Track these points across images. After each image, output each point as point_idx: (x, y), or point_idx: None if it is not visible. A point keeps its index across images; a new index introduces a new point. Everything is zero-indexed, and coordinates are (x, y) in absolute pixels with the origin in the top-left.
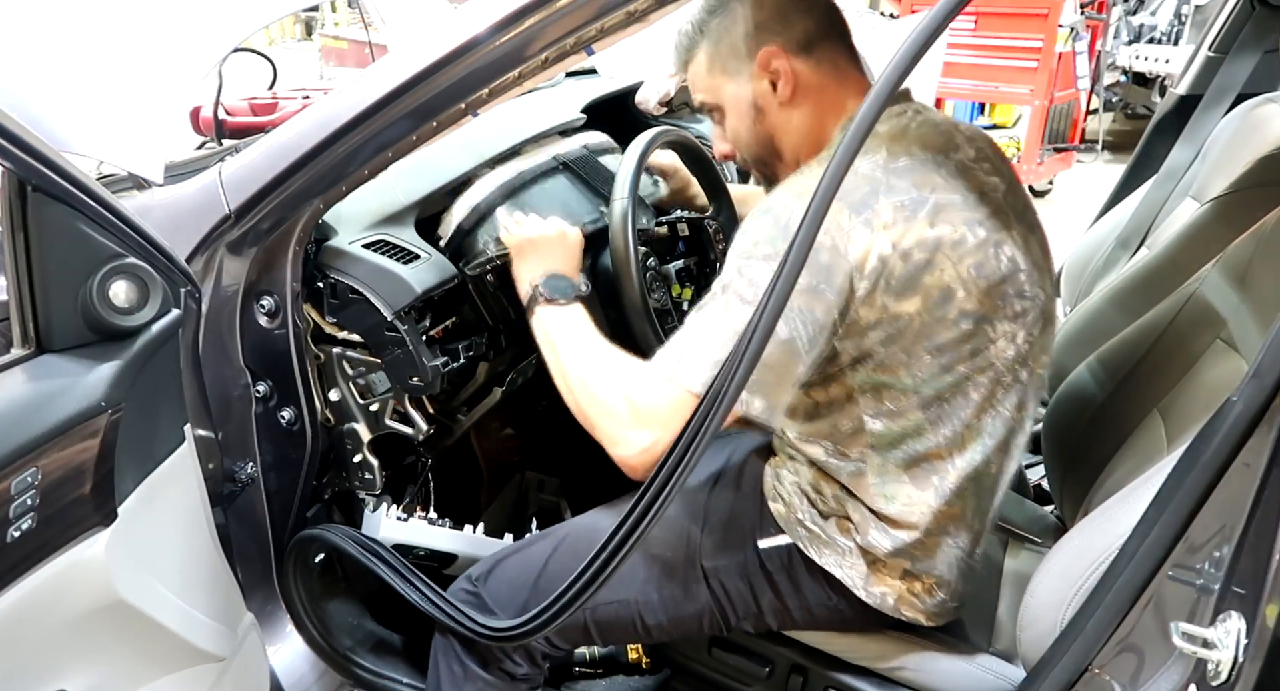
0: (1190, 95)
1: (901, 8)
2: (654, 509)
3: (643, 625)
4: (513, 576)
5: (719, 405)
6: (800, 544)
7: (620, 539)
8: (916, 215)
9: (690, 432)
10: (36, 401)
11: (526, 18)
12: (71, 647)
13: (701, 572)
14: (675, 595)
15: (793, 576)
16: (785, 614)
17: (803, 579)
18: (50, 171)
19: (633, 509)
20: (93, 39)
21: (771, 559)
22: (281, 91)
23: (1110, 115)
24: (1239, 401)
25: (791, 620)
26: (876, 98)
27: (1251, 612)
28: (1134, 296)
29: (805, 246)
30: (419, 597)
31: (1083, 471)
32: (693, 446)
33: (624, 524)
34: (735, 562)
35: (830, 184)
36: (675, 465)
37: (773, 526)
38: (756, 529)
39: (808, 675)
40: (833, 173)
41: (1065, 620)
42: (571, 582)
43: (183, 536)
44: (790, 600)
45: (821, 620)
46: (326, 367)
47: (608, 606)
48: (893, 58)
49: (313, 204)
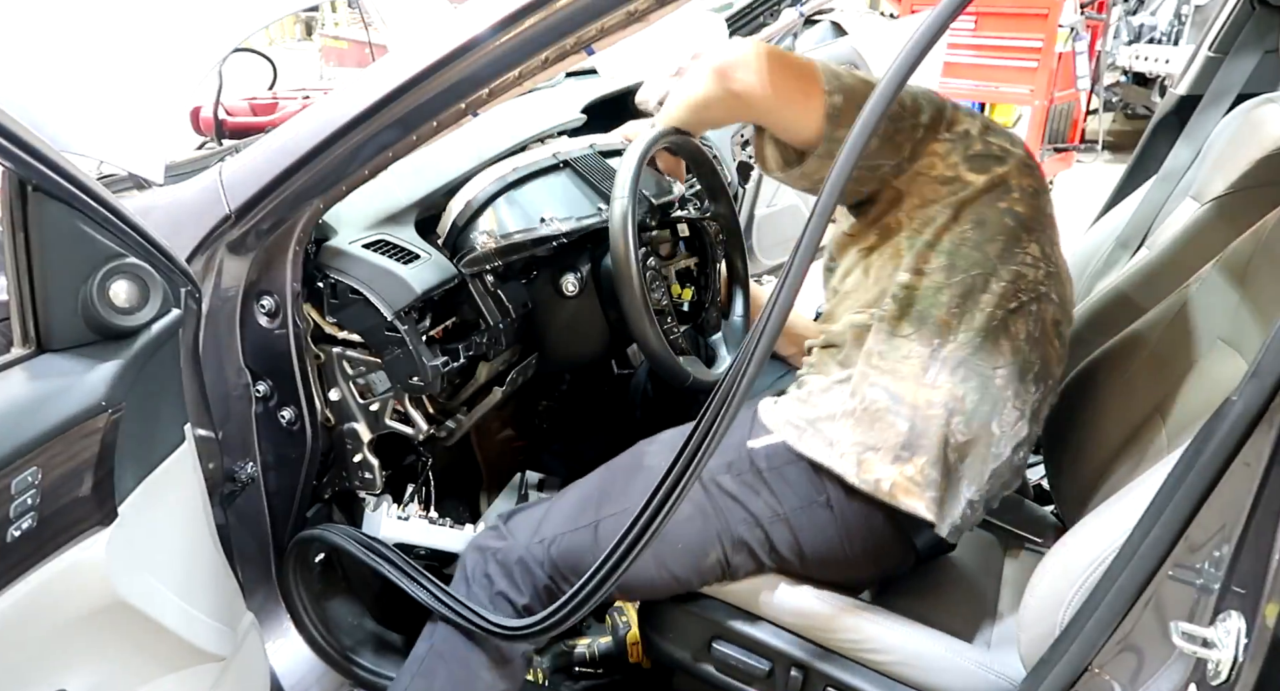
0: (1190, 95)
1: (901, 8)
2: (674, 496)
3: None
4: (532, 511)
5: (737, 388)
6: (789, 440)
7: (640, 527)
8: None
9: (709, 418)
10: (36, 401)
11: (526, 18)
12: (71, 647)
13: (699, 479)
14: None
15: (783, 473)
16: (780, 521)
17: (792, 474)
18: (50, 171)
19: (655, 492)
20: (93, 39)
21: (760, 457)
22: (281, 91)
23: (1110, 115)
24: (1239, 401)
25: (789, 532)
26: (880, 99)
27: (1251, 612)
28: (1134, 296)
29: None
30: (426, 595)
31: (1083, 471)
32: (711, 433)
33: (649, 505)
34: (726, 461)
35: (837, 181)
36: (694, 452)
37: (762, 428)
38: (747, 434)
39: (808, 674)
40: (838, 173)
41: (1065, 620)
42: (586, 580)
43: (183, 536)
44: (785, 499)
45: (817, 526)
46: (326, 367)
47: (619, 517)
48: (895, 59)
49: (313, 204)
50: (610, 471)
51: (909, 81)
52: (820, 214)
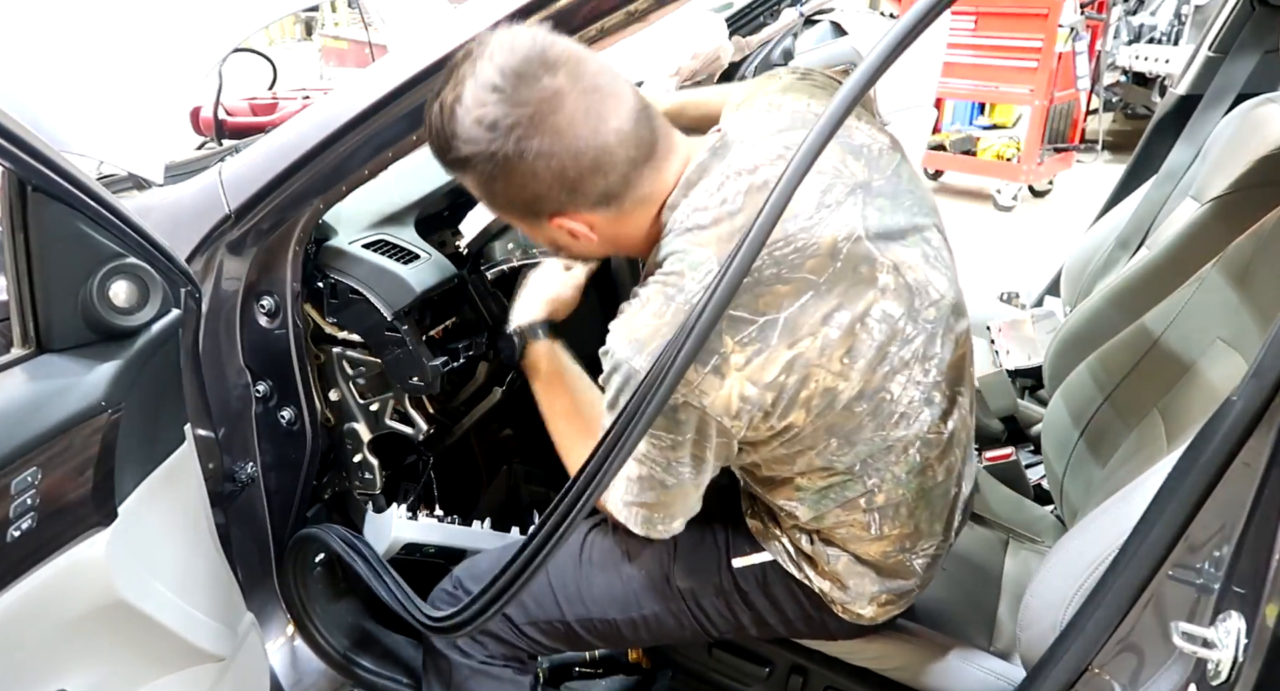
0: (1190, 95)
1: (901, 8)
2: (560, 529)
3: (635, 638)
4: (481, 572)
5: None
6: (779, 559)
7: (530, 553)
8: (769, 341)
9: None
10: (37, 401)
11: (526, 18)
12: (71, 647)
13: (678, 592)
14: (658, 613)
15: (770, 594)
16: (768, 628)
17: (781, 596)
18: (50, 171)
19: (542, 523)
20: (93, 39)
21: (746, 578)
22: (281, 91)
23: (1110, 115)
24: (1239, 401)
25: (776, 630)
26: (819, 136)
27: (1251, 612)
28: (1134, 296)
29: (665, 397)
30: (385, 593)
31: (1083, 471)
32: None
33: (533, 538)
34: (709, 583)
35: (711, 316)
36: (578, 495)
37: (748, 543)
38: (729, 547)
39: (808, 675)
40: (715, 302)
41: (1065, 620)
42: (486, 588)
43: (183, 536)
44: (770, 617)
45: (805, 632)
46: (326, 367)
47: (598, 622)
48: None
49: (313, 204)
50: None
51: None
52: (681, 362)
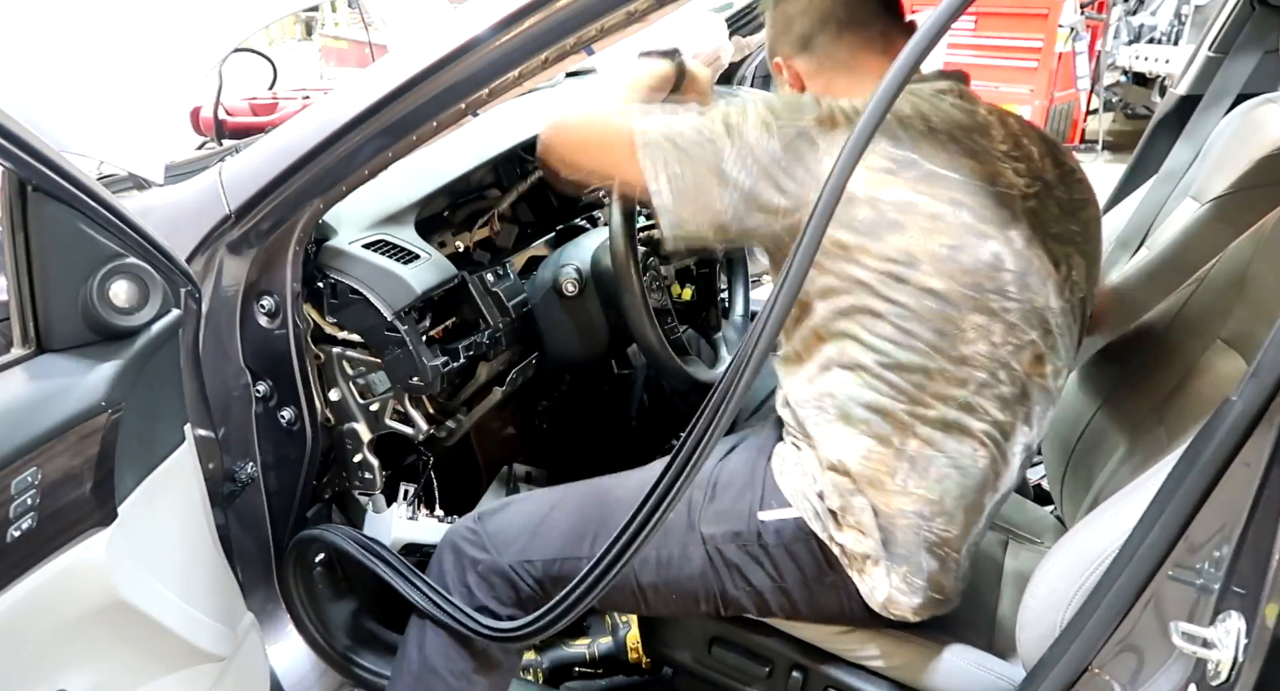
0: (1190, 95)
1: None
2: (664, 504)
3: (638, 586)
4: (513, 521)
5: (737, 383)
6: (805, 516)
7: (630, 535)
8: (901, 173)
9: (708, 414)
10: (36, 401)
11: (526, 18)
12: (71, 647)
13: (700, 538)
14: (672, 556)
15: (790, 550)
16: (779, 594)
17: (799, 553)
18: (50, 171)
19: (647, 498)
20: (93, 39)
21: (770, 532)
22: (281, 91)
23: (1110, 115)
24: (1239, 401)
25: (786, 600)
26: (893, 80)
27: (1251, 612)
28: (1134, 296)
29: (831, 203)
30: (420, 598)
31: (1083, 471)
32: (710, 429)
33: (635, 517)
34: (733, 531)
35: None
36: (693, 447)
37: (777, 499)
38: (759, 500)
39: (808, 675)
40: (852, 148)
41: (1065, 620)
42: (575, 586)
43: (183, 536)
44: (787, 573)
45: (816, 597)
46: (326, 367)
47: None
48: (907, 49)
49: (313, 204)
50: (606, 493)
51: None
52: (822, 212)
